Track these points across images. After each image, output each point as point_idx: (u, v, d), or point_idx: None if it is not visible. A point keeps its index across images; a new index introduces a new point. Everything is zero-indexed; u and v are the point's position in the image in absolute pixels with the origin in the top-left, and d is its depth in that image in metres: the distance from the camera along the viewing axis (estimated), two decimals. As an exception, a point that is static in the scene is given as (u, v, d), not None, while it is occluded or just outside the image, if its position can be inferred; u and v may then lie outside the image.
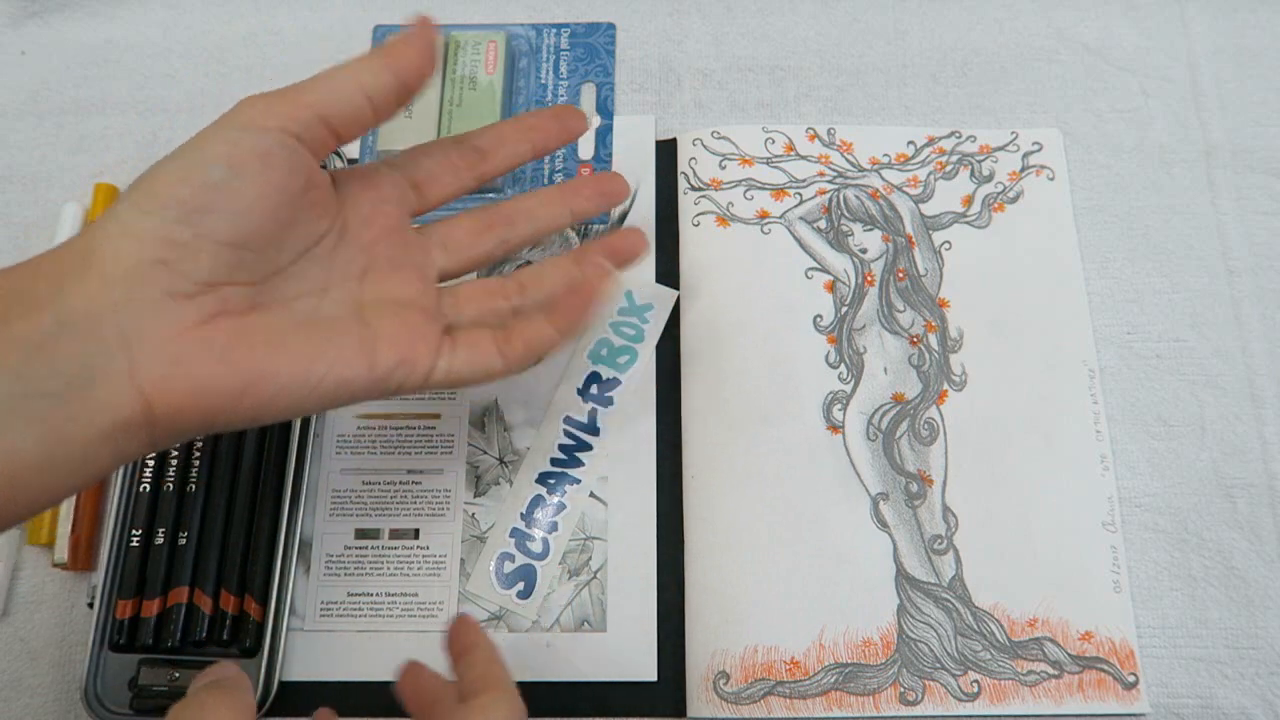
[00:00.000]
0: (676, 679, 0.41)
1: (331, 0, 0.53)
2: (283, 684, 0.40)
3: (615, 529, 0.43)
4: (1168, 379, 0.45)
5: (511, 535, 0.43)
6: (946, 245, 0.47)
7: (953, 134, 0.49)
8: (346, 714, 0.39)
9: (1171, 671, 0.41)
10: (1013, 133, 0.49)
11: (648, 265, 0.47)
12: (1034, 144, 0.49)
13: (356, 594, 0.42)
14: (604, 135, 0.49)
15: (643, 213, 0.48)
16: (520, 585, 0.42)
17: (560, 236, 0.47)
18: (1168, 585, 0.42)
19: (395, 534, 0.43)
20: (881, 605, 0.41)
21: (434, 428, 0.45)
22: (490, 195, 0.48)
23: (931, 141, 0.49)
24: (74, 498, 0.42)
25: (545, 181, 0.48)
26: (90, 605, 0.40)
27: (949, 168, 0.49)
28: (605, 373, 0.45)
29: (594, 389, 0.45)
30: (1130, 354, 0.46)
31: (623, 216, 0.48)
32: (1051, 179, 0.48)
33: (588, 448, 0.44)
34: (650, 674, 0.41)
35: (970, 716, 0.40)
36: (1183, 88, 0.50)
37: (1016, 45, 0.51)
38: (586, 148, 0.49)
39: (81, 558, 0.42)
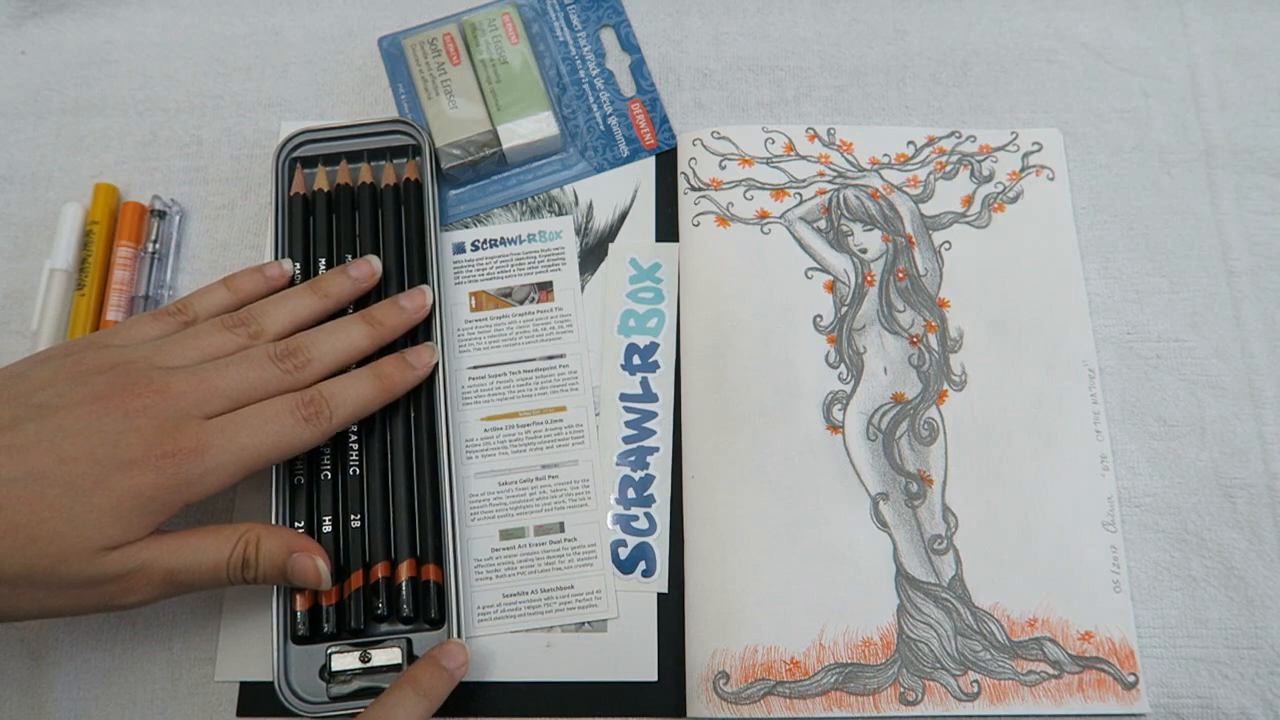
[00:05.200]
0: (676, 679, 0.41)
1: (331, 0, 0.53)
2: (461, 684, 0.40)
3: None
4: (1168, 379, 0.45)
5: (615, 522, 0.43)
6: (946, 245, 0.47)
7: (953, 134, 0.49)
8: (525, 714, 0.40)
9: (1171, 671, 0.41)
10: (1013, 133, 0.49)
11: (646, 228, 0.48)
12: (1034, 144, 0.49)
13: (511, 594, 0.42)
14: (639, 68, 0.50)
15: (643, 213, 0.48)
16: (642, 564, 0.42)
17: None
18: (1168, 585, 0.42)
19: (540, 530, 0.43)
20: (881, 605, 0.41)
21: (561, 420, 0.45)
22: (501, 172, 0.48)
23: (931, 141, 0.49)
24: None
25: (600, 128, 0.49)
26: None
27: (949, 168, 0.49)
28: (641, 341, 0.46)
29: (636, 359, 0.45)
30: (1130, 354, 0.46)
31: (623, 216, 0.48)
32: (1051, 179, 0.48)
33: (653, 415, 0.44)
34: (650, 674, 0.41)
35: (970, 716, 0.40)
36: (1183, 88, 0.50)
37: (1016, 45, 0.51)
38: (628, 86, 0.50)
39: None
